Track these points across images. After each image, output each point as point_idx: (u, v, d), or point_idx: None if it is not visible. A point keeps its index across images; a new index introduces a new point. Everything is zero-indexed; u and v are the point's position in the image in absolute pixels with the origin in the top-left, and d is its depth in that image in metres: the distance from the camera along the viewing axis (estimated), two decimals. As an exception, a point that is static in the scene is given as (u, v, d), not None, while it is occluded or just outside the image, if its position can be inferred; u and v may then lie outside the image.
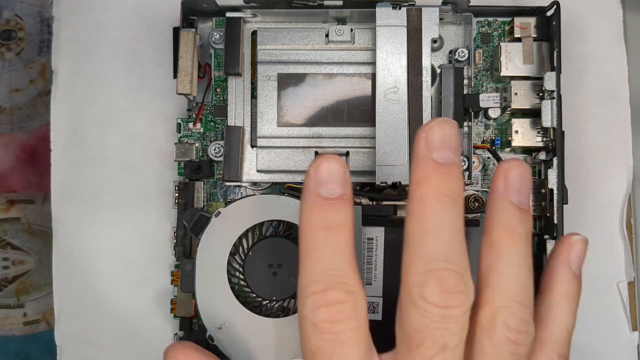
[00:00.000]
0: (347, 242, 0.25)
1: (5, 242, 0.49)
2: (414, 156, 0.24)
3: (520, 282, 0.25)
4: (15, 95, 0.50)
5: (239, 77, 0.38)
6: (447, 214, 0.24)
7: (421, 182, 0.24)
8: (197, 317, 0.38)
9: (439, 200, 0.24)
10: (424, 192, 0.24)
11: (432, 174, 0.24)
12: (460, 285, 0.23)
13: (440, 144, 0.24)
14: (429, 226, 0.24)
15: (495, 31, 0.39)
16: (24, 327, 0.49)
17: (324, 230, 0.24)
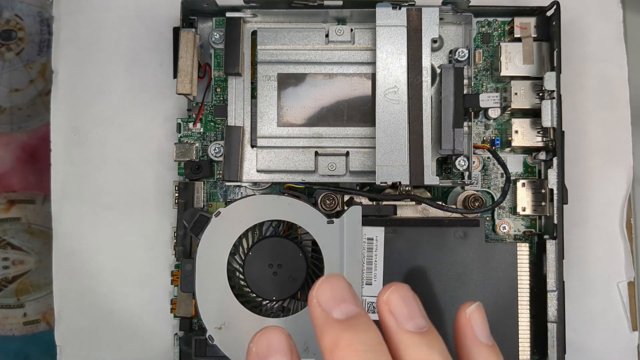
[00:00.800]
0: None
1: (5, 242, 0.49)
2: (316, 325, 0.23)
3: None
4: (15, 95, 0.50)
5: (239, 77, 0.38)
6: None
7: (335, 348, 0.22)
8: (197, 317, 0.38)
9: (362, 358, 0.22)
10: (343, 356, 0.22)
11: (340, 334, 0.22)
12: None
13: (335, 300, 0.23)
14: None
15: (495, 31, 0.39)
16: (24, 327, 0.49)
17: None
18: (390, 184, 0.36)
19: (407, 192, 0.37)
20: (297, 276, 0.36)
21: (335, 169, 0.36)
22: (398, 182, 0.35)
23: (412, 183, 0.35)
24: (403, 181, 0.35)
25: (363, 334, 0.22)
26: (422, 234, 0.36)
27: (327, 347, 0.22)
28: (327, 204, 0.37)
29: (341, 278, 0.23)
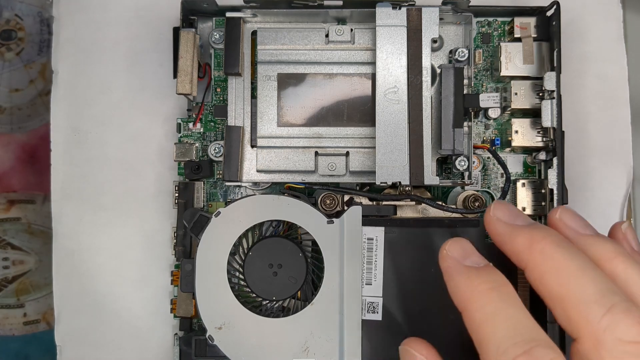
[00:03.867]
0: (519, 300, 0.23)
1: (5, 242, 0.49)
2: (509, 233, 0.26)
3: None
4: (15, 95, 0.50)
5: (239, 77, 0.38)
6: (574, 256, 0.24)
7: (532, 242, 0.24)
8: (197, 317, 0.38)
9: (560, 247, 0.24)
10: (542, 247, 0.24)
11: (537, 236, 0.25)
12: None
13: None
14: (571, 269, 0.23)
15: (495, 31, 0.39)
16: (24, 327, 0.49)
17: (495, 291, 0.23)
18: (390, 184, 0.36)
19: (407, 192, 0.37)
20: (297, 276, 0.36)
21: (335, 169, 0.36)
22: (398, 182, 0.35)
23: (412, 183, 0.35)
24: (403, 181, 0.35)
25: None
26: (422, 234, 0.36)
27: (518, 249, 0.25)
28: (327, 204, 0.37)
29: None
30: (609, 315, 0.21)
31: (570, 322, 0.22)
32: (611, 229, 0.28)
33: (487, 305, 0.23)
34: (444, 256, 0.26)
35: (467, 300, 0.24)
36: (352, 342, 0.35)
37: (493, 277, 0.24)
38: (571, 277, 0.23)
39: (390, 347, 0.35)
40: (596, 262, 0.24)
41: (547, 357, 0.21)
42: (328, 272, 0.35)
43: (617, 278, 0.24)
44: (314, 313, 0.35)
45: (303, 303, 0.36)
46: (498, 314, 0.23)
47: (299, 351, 0.35)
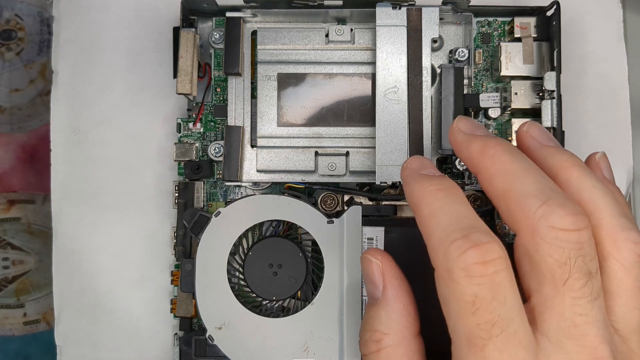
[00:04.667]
0: (465, 199, 0.25)
1: (5, 242, 0.49)
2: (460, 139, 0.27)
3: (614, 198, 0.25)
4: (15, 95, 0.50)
5: (239, 77, 0.38)
6: (521, 160, 0.25)
7: (485, 148, 0.26)
8: (197, 317, 0.38)
9: (509, 152, 0.25)
10: (492, 152, 0.25)
11: (490, 143, 0.26)
12: (578, 207, 0.23)
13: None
14: (516, 170, 0.24)
15: (495, 31, 0.39)
16: (24, 327, 0.49)
17: (442, 191, 0.25)
18: (390, 184, 0.36)
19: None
20: (297, 276, 0.36)
21: (335, 169, 0.36)
22: (398, 182, 0.35)
23: (412, 183, 0.35)
24: (403, 181, 0.35)
25: (508, 144, 0.26)
26: (422, 234, 0.36)
27: (475, 149, 0.26)
28: (327, 204, 0.37)
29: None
30: (544, 207, 0.23)
31: (511, 216, 0.24)
32: (586, 159, 0.29)
33: (435, 202, 0.25)
34: (404, 168, 0.28)
35: (417, 200, 0.25)
36: (352, 342, 0.35)
37: (443, 181, 0.26)
38: (515, 176, 0.24)
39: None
40: (553, 171, 0.26)
41: (484, 240, 0.22)
42: (328, 272, 0.35)
43: (570, 185, 0.25)
44: (314, 313, 0.35)
45: (303, 303, 0.36)
46: (443, 208, 0.24)
47: (299, 351, 0.35)
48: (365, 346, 0.26)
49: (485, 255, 0.22)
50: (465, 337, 0.23)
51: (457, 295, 0.23)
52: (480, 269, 0.22)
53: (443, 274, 0.23)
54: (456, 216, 0.24)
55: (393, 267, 0.27)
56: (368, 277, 0.27)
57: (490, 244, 0.22)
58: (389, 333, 0.26)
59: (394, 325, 0.26)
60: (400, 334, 0.26)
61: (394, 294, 0.27)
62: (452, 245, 0.23)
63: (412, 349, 0.26)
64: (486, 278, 0.22)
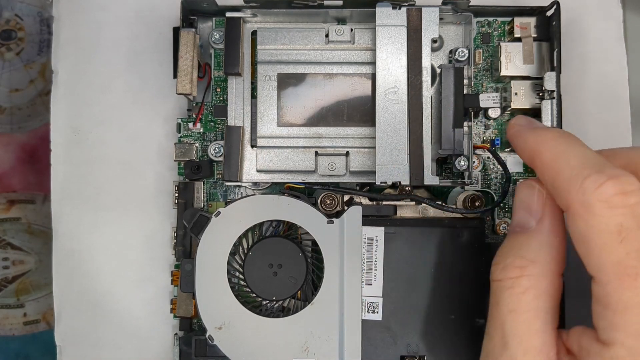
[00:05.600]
0: (586, 145, 0.25)
1: (5, 242, 0.49)
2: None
3: None
4: (15, 95, 0.50)
5: (239, 77, 0.38)
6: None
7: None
8: (197, 317, 0.38)
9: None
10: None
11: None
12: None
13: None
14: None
15: (495, 31, 0.39)
16: (24, 327, 0.49)
17: (563, 137, 0.25)
18: (390, 184, 0.36)
19: (407, 192, 0.37)
20: (297, 276, 0.36)
21: (335, 169, 0.36)
22: (398, 182, 0.35)
23: (412, 183, 0.35)
24: (403, 181, 0.35)
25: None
26: (422, 234, 0.36)
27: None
28: (327, 204, 0.37)
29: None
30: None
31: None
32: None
33: (558, 146, 0.25)
34: (511, 126, 0.28)
35: (536, 147, 0.26)
36: (352, 342, 0.35)
37: (560, 130, 0.26)
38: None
39: (390, 347, 0.35)
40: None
41: (620, 173, 0.23)
42: (328, 272, 0.35)
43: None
44: (314, 313, 0.35)
45: (303, 303, 0.36)
46: (568, 150, 0.25)
47: (299, 351, 0.35)
48: (503, 271, 0.25)
49: (625, 187, 0.22)
50: (613, 269, 0.22)
51: (600, 228, 0.22)
52: (622, 199, 0.22)
53: (580, 209, 0.23)
54: (584, 156, 0.24)
55: (554, 201, 0.26)
56: (525, 204, 0.27)
57: (627, 176, 0.22)
58: (536, 262, 0.25)
59: (545, 256, 0.25)
60: (548, 266, 0.25)
61: (551, 226, 0.26)
62: (588, 180, 0.23)
63: (555, 285, 0.25)
64: (629, 208, 0.22)
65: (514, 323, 0.24)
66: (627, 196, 0.22)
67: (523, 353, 0.24)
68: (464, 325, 0.35)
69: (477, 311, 0.35)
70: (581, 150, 0.25)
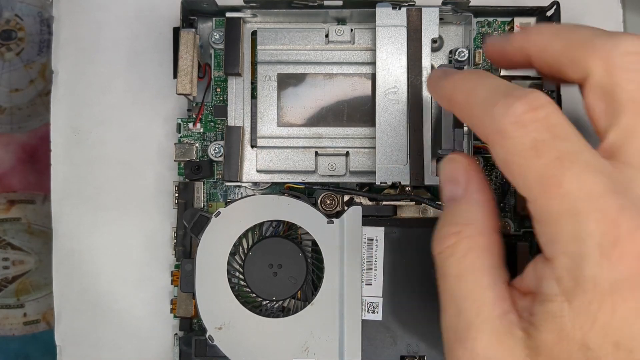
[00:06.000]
0: (495, 75, 0.25)
1: (5, 242, 0.49)
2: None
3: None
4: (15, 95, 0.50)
5: (239, 77, 0.38)
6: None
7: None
8: (197, 317, 0.38)
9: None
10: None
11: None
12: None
13: None
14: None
15: (495, 31, 0.39)
16: (24, 327, 0.49)
17: (471, 74, 0.26)
18: (390, 184, 0.36)
19: (407, 192, 0.37)
20: (297, 276, 0.36)
21: (335, 169, 0.36)
22: (398, 182, 0.35)
23: (412, 183, 0.35)
24: (403, 181, 0.35)
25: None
26: (422, 234, 0.36)
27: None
28: (327, 204, 0.37)
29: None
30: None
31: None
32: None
33: (466, 84, 0.25)
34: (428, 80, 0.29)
35: (450, 91, 0.26)
36: (352, 342, 0.35)
37: (469, 70, 0.27)
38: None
39: (390, 347, 0.35)
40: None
41: (526, 91, 0.22)
42: (328, 272, 0.35)
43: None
44: (314, 313, 0.35)
45: (303, 303, 0.36)
46: (477, 86, 0.24)
47: (299, 351, 0.35)
48: (441, 241, 0.25)
49: (533, 103, 0.22)
50: (537, 183, 0.22)
51: (516, 148, 0.22)
52: (532, 115, 0.22)
53: (495, 137, 0.23)
54: (491, 85, 0.24)
55: (477, 166, 0.26)
56: (450, 176, 0.26)
57: (534, 93, 0.22)
58: (469, 223, 0.25)
59: (476, 215, 0.25)
60: (482, 224, 0.25)
61: (477, 188, 0.26)
62: (496, 107, 0.22)
63: (493, 241, 0.24)
64: (540, 122, 0.22)
65: (462, 287, 0.24)
66: (537, 111, 0.22)
67: (477, 313, 0.23)
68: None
69: (477, 311, 0.35)
70: (488, 81, 0.24)
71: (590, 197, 0.20)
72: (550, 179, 0.21)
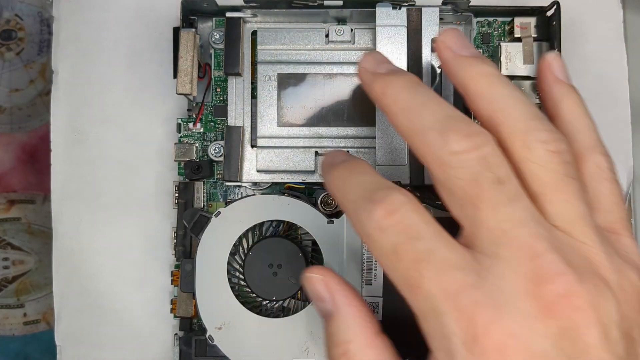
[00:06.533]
0: (366, 167, 0.25)
1: (5, 242, 0.49)
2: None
3: (524, 103, 0.25)
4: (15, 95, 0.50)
5: (239, 77, 0.38)
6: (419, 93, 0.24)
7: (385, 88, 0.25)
8: (197, 317, 0.38)
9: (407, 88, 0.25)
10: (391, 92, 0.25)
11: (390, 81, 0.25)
12: (476, 126, 0.23)
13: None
14: (414, 106, 0.24)
15: (495, 31, 0.39)
16: (24, 327, 0.49)
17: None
18: (390, 184, 0.36)
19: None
20: (297, 276, 0.36)
21: (335, 169, 0.36)
22: (398, 182, 0.35)
23: (412, 183, 0.35)
24: (403, 181, 0.35)
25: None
26: (422, 234, 0.36)
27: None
28: (327, 204, 0.37)
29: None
30: (441, 136, 0.23)
31: (420, 154, 0.24)
32: (539, 61, 0.29)
33: (337, 180, 0.26)
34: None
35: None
36: (352, 342, 0.35)
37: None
38: (415, 113, 0.24)
39: (390, 347, 0.35)
40: (465, 83, 0.25)
41: (384, 195, 0.23)
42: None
43: (481, 98, 0.25)
44: (314, 313, 0.35)
45: (303, 303, 0.36)
46: (346, 184, 0.25)
47: (299, 351, 0.35)
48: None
49: (389, 207, 0.23)
50: (404, 285, 0.23)
51: (382, 252, 0.23)
52: (389, 219, 0.22)
53: (365, 240, 0.23)
54: (358, 187, 0.24)
55: (335, 277, 0.26)
56: (314, 295, 0.27)
57: (391, 196, 0.23)
58: (351, 340, 0.25)
59: (354, 329, 0.25)
60: (363, 336, 0.25)
61: (343, 301, 0.26)
62: (362, 212, 0.23)
63: (379, 348, 0.25)
64: (396, 226, 0.22)
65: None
66: (392, 215, 0.23)
67: None
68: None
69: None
70: (356, 180, 0.25)
71: (447, 296, 0.22)
72: (412, 280, 0.22)
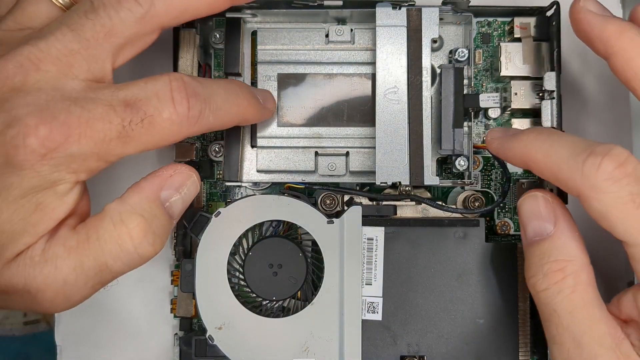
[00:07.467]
0: (565, 133, 0.27)
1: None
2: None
3: None
4: (15, 95, 0.49)
5: (239, 77, 0.38)
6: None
7: (623, 29, 0.28)
8: (197, 317, 0.38)
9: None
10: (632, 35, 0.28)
11: (627, 25, 0.29)
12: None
13: None
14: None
15: (495, 31, 0.39)
16: (24, 327, 0.49)
17: (544, 133, 0.27)
18: (390, 184, 0.36)
19: (407, 192, 0.37)
20: (297, 276, 0.36)
21: (335, 169, 0.36)
22: (398, 182, 0.35)
23: (412, 183, 0.35)
24: (403, 181, 0.35)
25: None
26: (422, 234, 0.36)
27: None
28: (327, 204, 0.37)
29: None
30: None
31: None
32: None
33: (544, 143, 0.27)
34: (490, 142, 0.31)
35: (526, 151, 0.28)
36: (352, 342, 0.35)
37: (536, 129, 0.29)
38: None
39: (390, 347, 0.35)
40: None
41: (609, 147, 0.25)
42: (328, 272, 0.35)
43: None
44: (314, 313, 0.35)
45: (303, 303, 0.36)
46: (555, 144, 0.27)
47: (299, 351, 0.35)
48: (545, 279, 0.27)
49: (618, 159, 0.24)
50: (639, 230, 0.24)
51: (615, 202, 0.24)
52: (622, 170, 0.24)
53: (590, 193, 0.25)
54: (571, 143, 0.26)
55: (557, 197, 0.28)
56: (534, 213, 0.28)
57: (616, 148, 0.25)
58: (572, 259, 0.27)
59: (576, 251, 0.27)
60: (581, 259, 0.27)
61: (569, 225, 0.28)
62: (586, 165, 0.24)
63: (592, 274, 0.27)
64: (631, 176, 0.24)
65: (578, 322, 0.26)
66: (625, 166, 0.24)
67: (599, 345, 0.25)
68: (464, 325, 0.35)
69: (477, 311, 0.35)
70: (564, 138, 0.26)
71: None
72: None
